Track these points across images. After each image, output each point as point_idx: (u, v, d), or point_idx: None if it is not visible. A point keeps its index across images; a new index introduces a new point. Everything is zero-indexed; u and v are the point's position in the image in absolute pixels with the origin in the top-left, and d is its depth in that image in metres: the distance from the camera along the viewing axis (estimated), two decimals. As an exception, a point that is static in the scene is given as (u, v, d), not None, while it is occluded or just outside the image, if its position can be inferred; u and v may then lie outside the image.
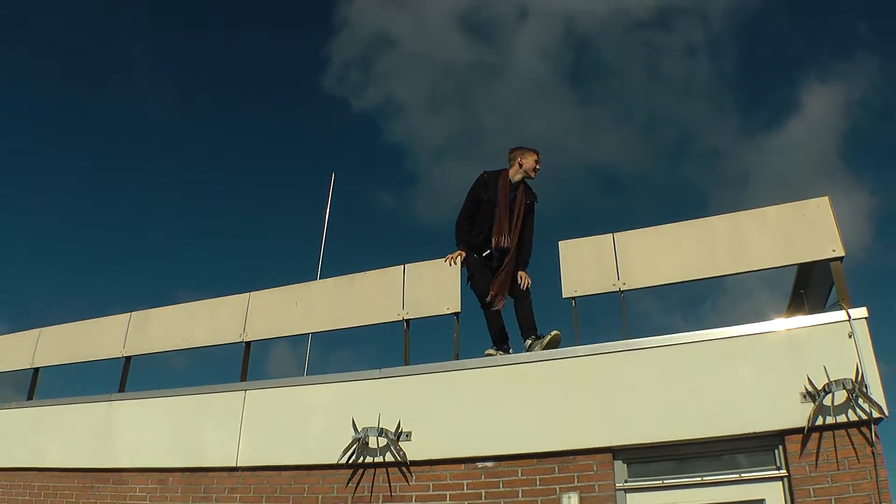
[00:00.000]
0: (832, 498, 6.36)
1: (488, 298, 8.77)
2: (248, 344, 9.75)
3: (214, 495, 8.64)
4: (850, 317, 6.83)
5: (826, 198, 7.60)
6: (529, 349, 8.38)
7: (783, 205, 7.82)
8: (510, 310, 8.93)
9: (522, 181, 9.30)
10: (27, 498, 10.04)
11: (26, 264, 41.61)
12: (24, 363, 11.72)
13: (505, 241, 8.93)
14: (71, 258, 43.33)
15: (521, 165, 9.29)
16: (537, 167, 9.34)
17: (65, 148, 43.36)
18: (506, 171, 9.34)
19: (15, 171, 41.32)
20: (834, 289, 7.43)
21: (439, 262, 8.98)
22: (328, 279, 9.87)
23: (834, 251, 7.40)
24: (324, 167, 43.57)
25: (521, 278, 8.96)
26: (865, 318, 6.82)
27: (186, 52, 45.98)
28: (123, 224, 43.54)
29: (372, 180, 44.63)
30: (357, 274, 9.45)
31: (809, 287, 8.53)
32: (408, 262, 9.07)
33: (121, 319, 10.88)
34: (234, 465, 8.64)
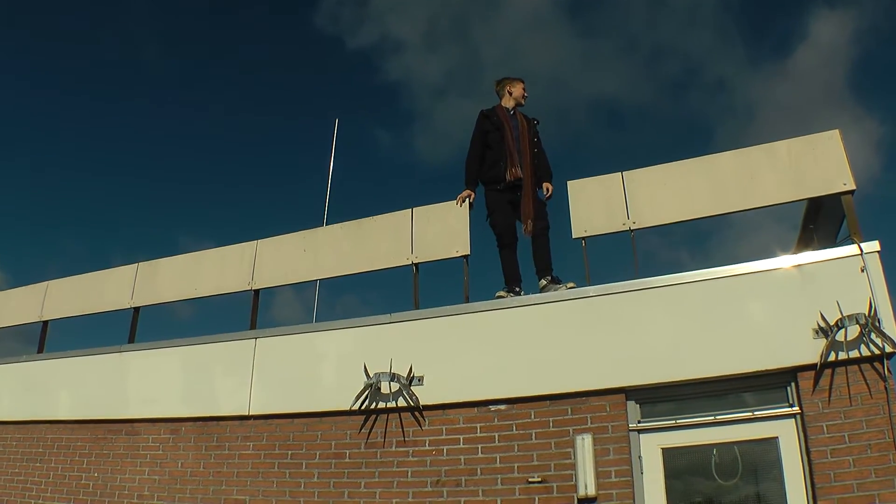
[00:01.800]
0: (845, 434, 6.36)
1: (530, 224, 8.77)
2: (256, 292, 9.74)
3: (227, 444, 8.69)
4: (862, 251, 6.77)
5: (837, 131, 7.52)
6: (543, 290, 8.35)
7: (793, 139, 7.73)
8: (524, 250, 8.92)
9: (516, 109, 9.38)
10: (40, 450, 10.13)
11: (26, 215, 41.45)
12: (33, 316, 11.77)
13: (516, 172, 8.90)
14: (70, 205, 43.07)
15: (510, 94, 9.43)
16: (525, 94, 9.48)
17: (64, 86, 42.96)
18: (499, 104, 9.43)
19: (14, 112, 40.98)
20: (845, 223, 7.38)
21: (447, 205, 8.94)
22: (335, 224, 9.80)
23: (845, 185, 7.33)
24: (319, 107, 43.25)
25: (546, 189, 9.00)
26: (878, 251, 6.76)
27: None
28: (123, 170, 43.31)
29: (369, 120, 44.16)
30: (365, 219, 9.40)
31: (819, 222, 8.47)
32: (410, 202, 9.08)
33: (128, 270, 10.87)
34: (246, 413, 8.67)
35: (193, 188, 43.62)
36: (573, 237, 8.22)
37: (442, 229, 8.82)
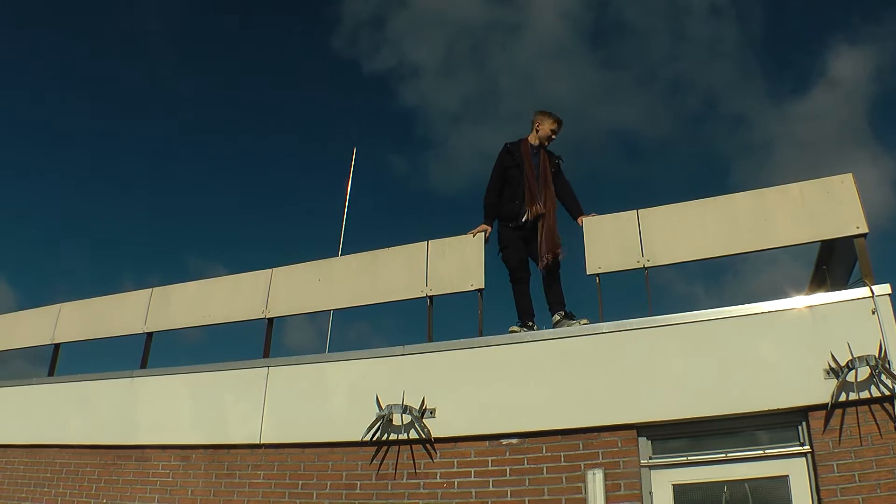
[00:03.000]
0: (855, 473, 6.41)
1: (549, 257, 8.80)
2: (270, 321, 9.76)
3: (238, 472, 8.70)
4: (873, 293, 6.84)
5: (850, 174, 7.61)
6: (557, 325, 8.41)
7: (807, 181, 7.82)
8: (536, 286, 8.98)
9: (542, 146, 9.35)
10: (49, 475, 10.10)
11: (37, 233, 41.52)
12: (45, 339, 11.77)
13: (538, 209, 8.95)
14: (79, 225, 43.17)
15: (537, 131, 9.37)
16: (552, 136, 9.39)
17: (78, 102, 43.11)
18: (526, 138, 9.41)
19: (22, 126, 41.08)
20: (857, 265, 7.44)
21: (463, 238, 8.99)
22: (350, 255, 9.85)
23: (858, 228, 7.41)
24: (335, 131, 43.35)
25: (581, 222, 8.81)
26: (889, 294, 6.83)
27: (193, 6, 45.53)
28: (134, 189, 43.40)
29: (384, 145, 44.28)
30: (380, 250, 9.44)
31: (832, 263, 8.55)
32: (424, 229, 9.18)
33: (142, 295, 10.91)
34: (257, 441, 8.69)
35: (204, 209, 43.72)
36: (587, 273, 8.29)
37: (457, 262, 8.86)
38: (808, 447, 6.68)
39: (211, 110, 45.25)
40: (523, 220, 9.03)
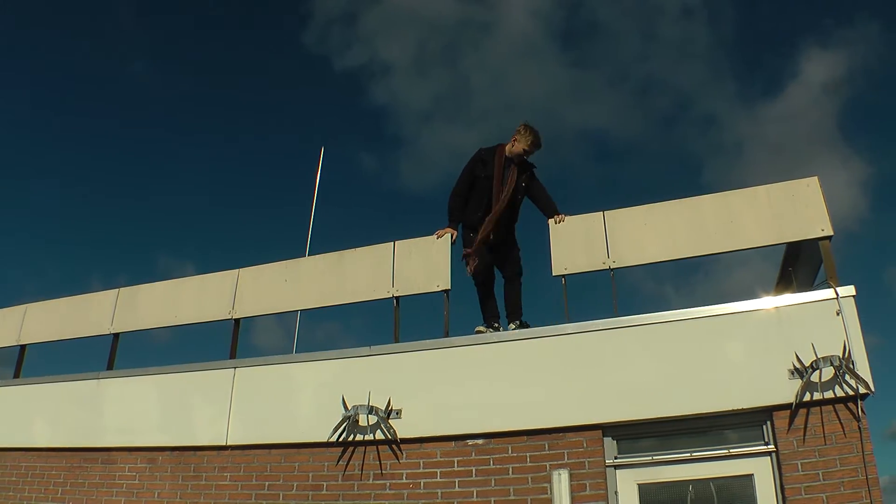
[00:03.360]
0: (819, 472, 6.48)
1: (462, 256, 8.89)
2: (237, 321, 9.72)
3: (204, 474, 8.65)
4: (838, 295, 6.93)
5: (816, 178, 7.68)
6: None
7: (773, 184, 7.89)
8: (500, 288, 8.99)
9: (517, 158, 9.24)
10: (14, 479, 9.99)
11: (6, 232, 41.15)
12: (11, 340, 11.64)
13: (490, 237, 8.99)
14: (48, 224, 42.77)
15: (514, 143, 9.18)
16: (524, 156, 9.21)
17: (46, 99, 42.65)
18: (503, 145, 9.26)
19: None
20: (823, 266, 7.49)
21: (429, 239, 8.99)
22: (317, 255, 9.83)
23: (823, 231, 7.48)
24: (304, 127, 43.12)
25: (557, 220, 8.73)
26: (853, 296, 6.93)
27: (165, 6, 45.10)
28: (102, 189, 42.98)
29: (354, 142, 44.08)
30: (347, 251, 9.42)
31: (798, 264, 8.59)
32: (393, 228, 9.23)
33: (108, 296, 10.81)
34: (223, 443, 8.65)
35: (173, 208, 43.35)
36: (553, 275, 8.30)
37: (423, 263, 8.85)
38: (773, 446, 6.74)
39: (179, 107, 44.82)
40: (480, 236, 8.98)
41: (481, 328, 8.64)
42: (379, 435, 7.91)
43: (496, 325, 8.72)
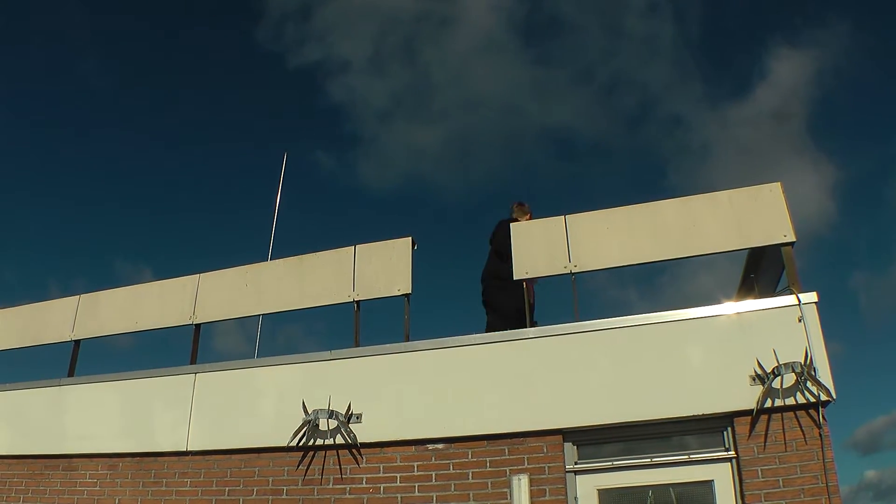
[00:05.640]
0: (780, 479, 6.50)
1: None
2: (197, 327, 9.62)
3: (165, 480, 8.57)
4: (800, 301, 6.95)
5: (778, 183, 7.70)
6: None
7: (736, 189, 7.90)
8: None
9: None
10: (-25, 487, 9.89)
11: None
12: (-30, 347, 11.52)
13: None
14: (3, 230, 42.12)
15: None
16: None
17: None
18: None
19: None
20: (785, 273, 7.49)
21: (390, 243, 8.93)
22: (278, 260, 9.77)
23: (785, 236, 7.50)
24: (259, 127, 42.58)
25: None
26: (815, 302, 6.96)
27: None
28: (58, 194, 42.31)
29: (311, 142, 43.48)
30: (307, 255, 9.36)
31: (761, 270, 8.60)
32: (353, 229, 9.13)
33: (69, 302, 10.69)
34: (184, 449, 8.57)
35: (130, 214, 42.57)
36: (514, 279, 8.29)
37: (384, 267, 8.79)
38: (734, 452, 6.76)
39: (133, 109, 43.87)
40: None
41: None
42: (339, 439, 7.86)
43: None
